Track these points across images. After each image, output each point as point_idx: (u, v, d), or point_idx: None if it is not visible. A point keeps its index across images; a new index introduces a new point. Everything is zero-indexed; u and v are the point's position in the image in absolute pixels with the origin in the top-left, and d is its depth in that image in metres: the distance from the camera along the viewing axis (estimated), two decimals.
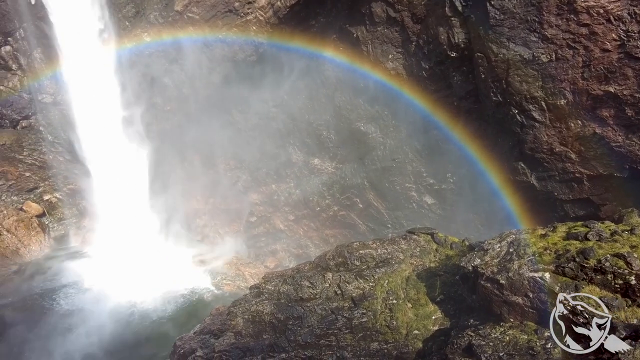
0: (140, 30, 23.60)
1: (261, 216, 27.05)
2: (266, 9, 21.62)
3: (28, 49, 25.25)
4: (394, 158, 21.89)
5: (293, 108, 24.19)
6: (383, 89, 20.56)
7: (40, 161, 27.37)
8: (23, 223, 25.84)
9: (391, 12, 19.02)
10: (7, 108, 26.32)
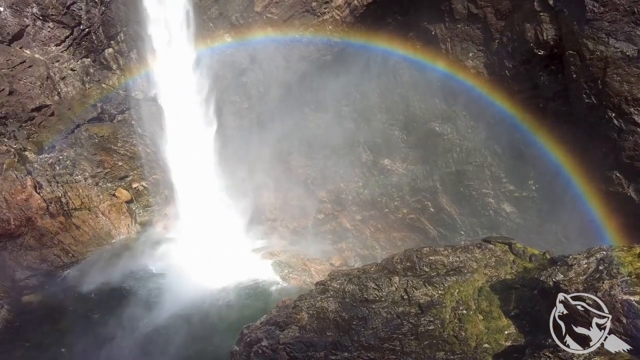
0: (222, 31, 24.87)
1: (328, 214, 27.26)
2: (343, 8, 21.66)
3: (126, 51, 27.72)
4: (471, 161, 20.81)
5: (365, 107, 24.00)
6: (461, 89, 19.61)
7: (130, 152, 30.00)
8: (115, 208, 28.53)
9: (473, 9, 18.08)
10: (107, 104, 29.14)
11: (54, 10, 26.24)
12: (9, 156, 24.66)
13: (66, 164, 28.27)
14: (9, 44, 26.91)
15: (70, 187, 27.14)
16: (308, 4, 22.13)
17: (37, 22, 26.65)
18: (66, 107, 28.41)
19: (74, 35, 27.22)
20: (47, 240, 24.34)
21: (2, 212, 23.41)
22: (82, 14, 26.57)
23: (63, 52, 27.68)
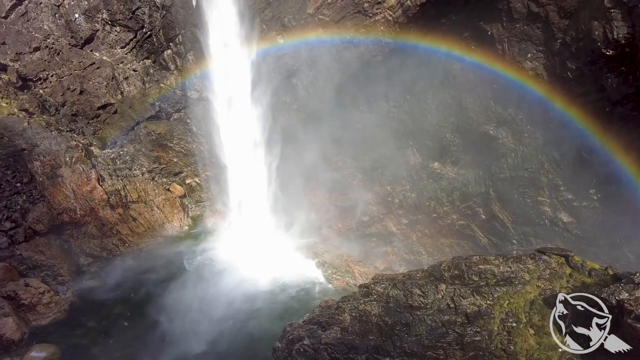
0: (275, 33, 25.34)
1: (374, 216, 27.02)
2: (395, 8, 21.34)
3: (183, 52, 28.98)
4: (527, 167, 19.81)
5: (415, 108, 23.54)
6: (518, 91, 18.70)
7: (185, 149, 31.33)
8: (169, 202, 29.87)
9: (534, 7, 17.18)
10: (165, 103, 30.62)
11: (121, 15, 27.97)
12: (78, 151, 26.55)
13: (126, 159, 30.04)
14: (81, 47, 29.05)
15: (129, 180, 28.75)
16: (360, 5, 22.02)
17: (106, 26, 28.54)
18: (128, 106, 30.20)
19: (137, 38, 28.88)
20: (107, 230, 25.96)
21: (70, 202, 25.25)
22: (145, 18, 28.12)
23: (127, 54, 29.46)
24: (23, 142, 25.45)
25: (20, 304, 19.69)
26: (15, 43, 28.50)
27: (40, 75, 29.15)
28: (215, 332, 19.46)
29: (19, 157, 25.27)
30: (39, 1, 27.97)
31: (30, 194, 24.83)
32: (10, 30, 28.34)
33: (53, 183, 25.24)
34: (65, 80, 29.22)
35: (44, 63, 28.94)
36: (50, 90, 29.40)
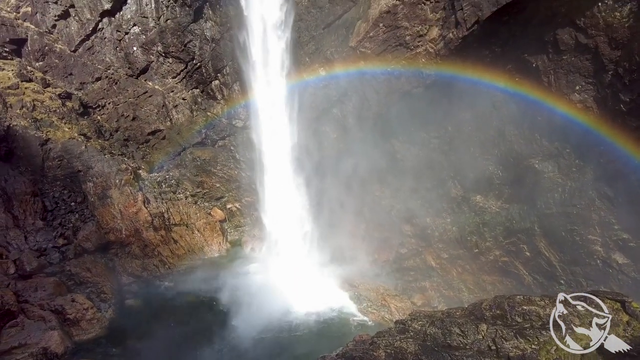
0: (317, 65, 26.05)
1: (412, 249, 26.35)
2: (437, 41, 21.41)
3: (230, 83, 30.33)
4: (575, 203, 18.79)
5: (457, 140, 23.15)
6: (566, 124, 17.98)
7: (227, 175, 32.27)
8: (209, 226, 30.60)
9: (582, 39, 16.71)
10: (211, 130, 31.93)
11: (174, 48, 29.85)
12: (127, 173, 28.00)
13: (171, 183, 31.30)
14: (137, 77, 31.13)
15: (173, 204, 29.83)
16: (401, 38, 22.28)
17: (160, 58, 30.51)
18: (176, 132, 31.71)
19: (187, 68, 30.61)
20: (149, 251, 26.84)
21: (117, 222, 26.45)
22: (196, 51, 29.84)
23: (177, 83, 31.21)
24: (79, 164, 27.19)
25: (65, 318, 20.53)
26: (81, 74, 30.98)
27: (99, 103, 31.37)
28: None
29: (75, 178, 26.96)
30: (103, 36, 30.44)
31: (82, 213, 26.29)
32: (77, 62, 30.90)
33: (103, 203, 26.64)
34: (120, 107, 31.25)
35: (103, 91, 31.18)
36: (107, 116, 31.49)
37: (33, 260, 23.28)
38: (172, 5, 28.58)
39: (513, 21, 18.29)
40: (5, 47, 30.21)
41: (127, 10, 29.46)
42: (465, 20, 19.27)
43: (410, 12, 21.58)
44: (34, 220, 24.91)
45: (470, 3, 18.76)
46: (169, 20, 29.05)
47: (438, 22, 21.05)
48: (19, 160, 25.72)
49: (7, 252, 23.24)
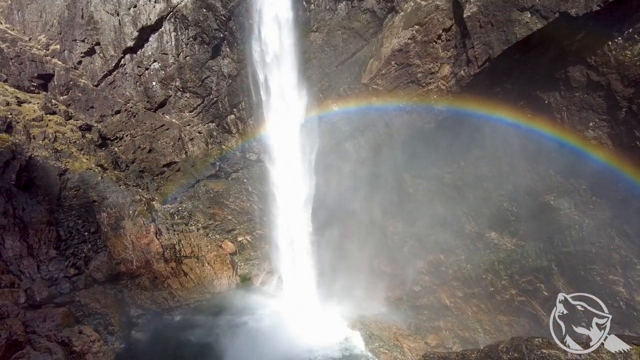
0: (330, 101, 26.55)
1: (426, 287, 25.66)
2: (449, 78, 21.71)
3: (245, 117, 31.01)
4: (594, 242, 18.21)
5: (470, 175, 22.97)
6: (580, 160, 17.73)
7: (239, 207, 32.39)
8: (220, 259, 30.45)
9: (594, 76, 16.76)
10: (225, 163, 32.39)
11: (192, 83, 30.86)
12: (141, 204, 28.34)
13: (184, 215, 31.51)
14: (154, 110, 32.09)
15: (184, 235, 29.90)
16: (413, 75, 22.67)
17: (178, 93, 31.51)
18: (190, 164, 32.24)
19: (204, 103, 31.48)
20: (159, 283, 26.69)
21: (128, 253, 26.53)
22: (213, 86, 30.78)
23: (194, 117, 32.03)
24: (95, 194, 27.68)
25: (72, 350, 20.29)
26: (101, 107, 32.11)
27: (117, 135, 32.28)
28: None
29: (90, 208, 27.37)
30: (125, 72, 31.73)
31: (94, 243, 26.49)
32: (99, 96, 32.11)
33: (115, 234, 26.85)
34: (137, 140, 32.07)
35: (122, 124, 32.15)
36: (124, 148, 32.29)
37: (44, 290, 23.33)
38: (192, 42, 29.80)
39: (524, 59, 18.50)
40: (33, 81, 31.68)
41: (148, 48, 30.79)
42: (477, 58, 19.57)
43: (422, 51, 22.05)
44: (47, 250, 25.15)
45: (481, 42, 19.11)
46: (188, 57, 30.21)
47: (449, 60, 21.43)
48: (37, 190, 26.31)
49: (20, 280, 23.37)
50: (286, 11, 25.59)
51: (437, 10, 21.12)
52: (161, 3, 29.43)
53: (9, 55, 31.26)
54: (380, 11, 23.83)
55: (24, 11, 34.45)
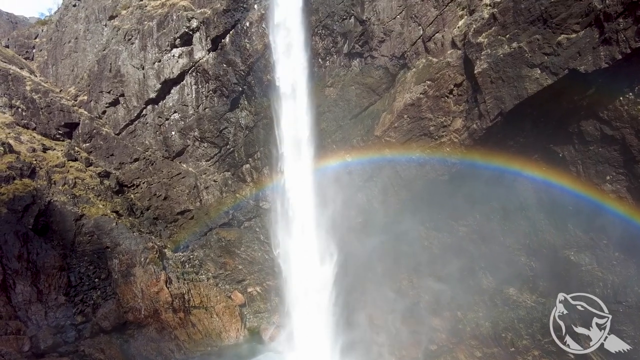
0: (343, 152, 26.93)
1: (442, 345, 24.40)
2: (461, 131, 21.96)
3: (260, 167, 31.54)
4: (620, 300, 17.27)
5: (485, 228, 22.51)
6: (599, 214, 17.30)
7: (251, 257, 32.05)
8: (229, 310, 29.72)
9: (607, 130, 16.79)
10: (238, 211, 32.54)
11: (210, 134, 31.82)
12: (152, 252, 28.29)
13: (194, 263, 31.26)
14: (172, 159, 32.93)
15: (194, 285, 29.47)
16: (425, 128, 23.00)
17: (195, 142, 32.44)
18: (204, 212, 32.45)
19: (221, 153, 32.24)
20: (166, 334, 25.98)
21: (137, 302, 26.12)
22: (230, 136, 31.65)
23: (210, 166, 32.69)
24: (108, 240, 27.82)
25: None
26: (121, 155, 33.11)
27: (134, 182, 32.97)
28: None
29: (102, 254, 27.41)
30: (146, 121, 33.01)
31: (104, 290, 26.24)
32: (119, 144, 33.22)
33: (126, 281, 26.62)
34: (153, 187, 32.67)
35: (139, 172, 32.93)
36: (140, 195, 32.85)
37: (48, 338, 22.88)
38: (212, 95, 31.09)
39: (536, 113, 18.73)
40: (60, 130, 33.11)
41: (169, 99, 32.19)
42: (489, 112, 19.88)
43: (434, 105, 22.54)
44: (56, 295, 24.96)
45: (493, 96, 19.51)
46: (207, 108, 31.40)
47: (462, 114, 21.79)
48: (53, 234, 26.61)
49: (26, 327, 23.02)
50: (302, 68, 26.77)
51: (448, 66, 21.82)
52: (184, 58, 31.12)
53: (40, 105, 32.96)
54: (393, 68, 24.71)
55: (57, 65, 36.76)
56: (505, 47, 18.59)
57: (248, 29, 28.58)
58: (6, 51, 37.65)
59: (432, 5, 22.34)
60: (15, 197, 25.70)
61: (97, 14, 35.50)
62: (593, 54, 15.88)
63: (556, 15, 16.73)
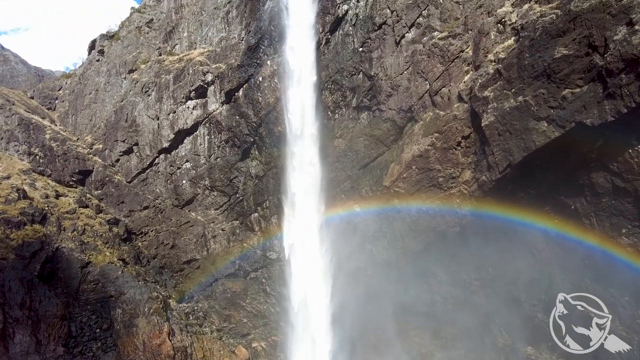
0: (352, 202, 26.90)
1: None
2: (470, 183, 21.95)
3: (268, 216, 31.49)
4: None
5: (499, 283, 21.81)
6: (618, 269, 16.67)
7: (256, 310, 31.15)
8: None
9: (619, 182, 16.64)
10: (244, 261, 32.09)
11: (220, 182, 32.18)
12: (157, 302, 27.67)
13: (198, 315, 30.40)
14: (181, 207, 33.11)
15: (197, 338, 28.49)
16: (434, 179, 23.04)
17: (205, 191, 32.74)
18: (210, 262, 32.06)
19: (230, 201, 32.39)
20: None
21: (138, 355, 25.20)
22: (240, 185, 31.95)
23: (219, 215, 32.73)
24: (113, 289, 27.38)
25: None
26: (131, 202, 33.42)
27: (143, 230, 32.98)
28: None
29: (106, 303, 26.86)
30: (157, 170, 33.61)
31: (104, 342, 25.42)
32: (130, 192, 33.64)
33: (128, 332, 25.84)
34: (161, 235, 32.60)
35: (149, 219, 33.03)
36: (147, 243, 32.72)
37: None
38: (223, 145, 31.80)
39: (546, 165, 18.73)
40: (73, 177, 33.80)
41: (182, 149, 32.95)
42: (497, 164, 19.95)
43: (442, 156, 22.73)
44: (55, 347, 24.21)
45: (501, 148, 19.66)
46: (218, 158, 32.00)
47: (470, 166, 21.90)
48: (58, 282, 26.32)
49: None
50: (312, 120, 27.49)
51: (455, 119, 22.24)
52: (198, 110, 32.22)
53: (57, 152, 33.91)
54: (400, 120, 25.23)
55: (77, 115, 38.25)
56: (511, 100, 18.99)
57: (261, 83, 29.76)
58: (31, 102, 39.40)
59: (438, 62, 23.19)
60: (24, 243, 25.75)
61: (118, 68, 37.38)
62: (598, 108, 16.11)
63: (559, 71, 17.21)
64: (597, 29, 15.97)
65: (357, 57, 26.67)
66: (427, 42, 23.65)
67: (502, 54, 19.61)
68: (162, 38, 36.70)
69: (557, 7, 17.57)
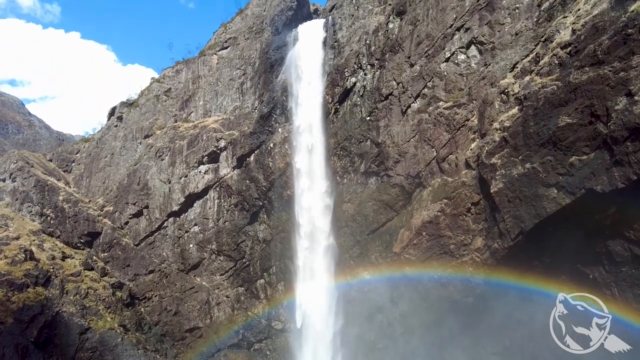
0: (361, 269, 26.27)
1: None
2: (482, 250, 21.48)
3: (275, 282, 30.73)
4: None
5: (517, 357, 20.43)
6: None
7: None
8: None
9: (637, 251, 16.07)
10: (248, 331, 30.79)
11: (227, 247, 31.88)
12: None
13: None
14: (187, 272, 32.54)
15: None
16: (446, 247, 22.61)
17: (212, 255, 32.34)
18: (213, 331, 30.76)
19: (236, 267, 31.84)
20: None
21: None
22: (247, 250, 31.58)
23: (224, 280, 32.01)
24: (111, 357, 26.17)
25: None
26: (137, 266, 32.97)
27: (147, 295, 32.16)
28: None
29: None
30: (165, 233, 33.53)
31: None
32: (137, 255, 33.32)
33: None
34: (165, 301, 31.70)
35: (153, 284, 32.34)
36: (150, 309, 31.74)
37: None
38: (232, 209, 31.95)
39: (559, 232, 18.33)
40: (82, 238, 33.79)
41: (191, 212, 33.13)
42: (509, 231, 19.62)
43: (453, 223, 22.49)
44: None
45: (512, 215, 19.43)
46: (227, 222, 32.00)
47: (481, 232, 21.56)
48: (53, 349, 25.29)
49: None
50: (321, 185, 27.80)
51: (464, 185, 22.30)
52: (210, 174, 32.86)
53: (68, 214, 34.25)
54: (409, 186, 25.35)
55: (91, 177, 39.14)
56: (519, 167, 19.11)
57: (272, 149, 30.59)
58: (49, 164, 40.64)
59: (444, 130, 23.77)
60: (24, 307, 25.15)
61: (134, 133, 38.85)
62: (607, 175, 16.09)
63: (564, 138, 17.45)
64: (597, 99, 16.42)
65: (364, 126, 27.51)
66: (432, 112, 24.43)
67: (507, 122, 20.08)
68: (178, 106, 38.50)
69: (557, 79, 18.25)
